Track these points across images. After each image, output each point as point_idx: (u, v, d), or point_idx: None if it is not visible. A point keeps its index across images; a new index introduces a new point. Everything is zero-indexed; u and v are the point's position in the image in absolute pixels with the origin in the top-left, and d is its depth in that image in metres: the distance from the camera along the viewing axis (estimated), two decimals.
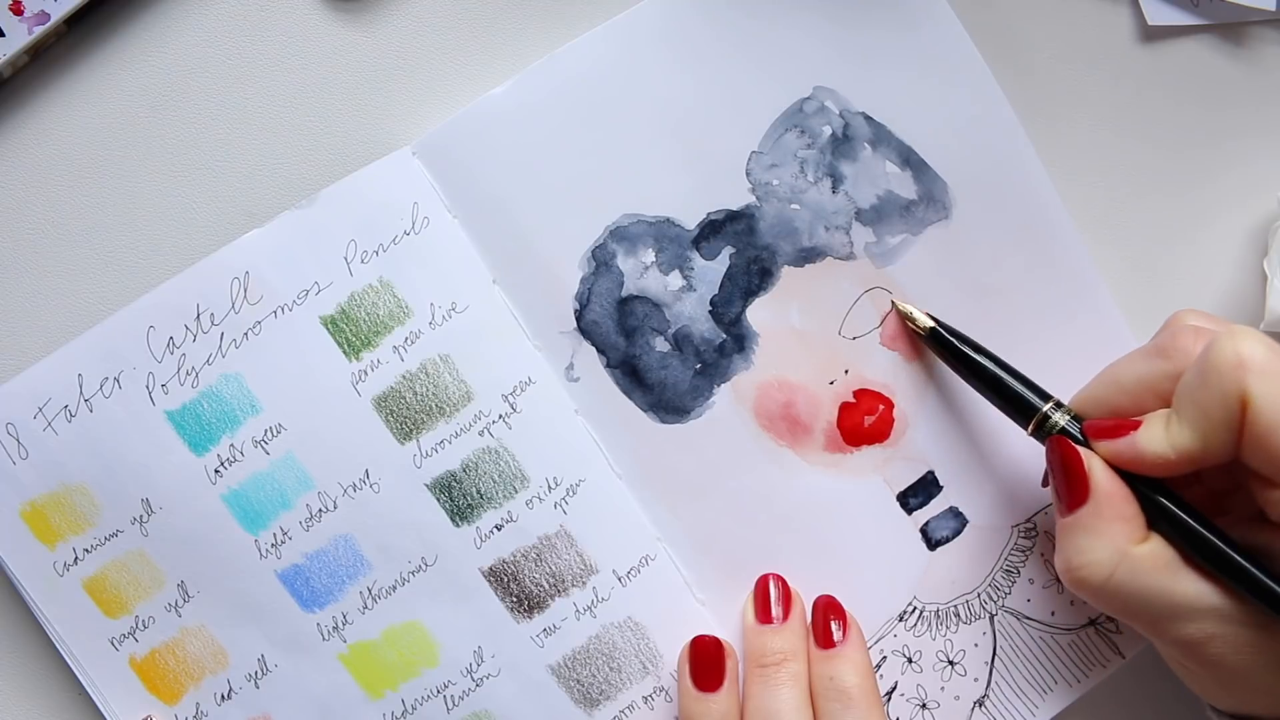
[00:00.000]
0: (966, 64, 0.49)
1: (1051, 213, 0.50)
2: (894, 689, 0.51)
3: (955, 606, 0.51)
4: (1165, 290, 0.54)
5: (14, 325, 0.49)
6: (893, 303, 0.50)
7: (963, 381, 0.48)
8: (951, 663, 0.51)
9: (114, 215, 0.49)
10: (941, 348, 0.48)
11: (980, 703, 0.51)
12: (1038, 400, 0.46)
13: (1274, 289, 0.51)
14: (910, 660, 0.51)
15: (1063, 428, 0.45)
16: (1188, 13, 0.52)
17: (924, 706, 0.51)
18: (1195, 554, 0.42)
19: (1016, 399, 0.46)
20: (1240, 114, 0.54)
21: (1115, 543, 0.42)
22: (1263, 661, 0.41)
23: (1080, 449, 0.44)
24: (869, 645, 0.50)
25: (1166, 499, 0.43)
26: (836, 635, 0.48)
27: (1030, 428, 0.46)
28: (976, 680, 0.51)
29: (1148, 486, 0.43)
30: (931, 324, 0.49)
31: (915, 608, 0.51)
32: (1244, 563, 0.41)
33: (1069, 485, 0.43)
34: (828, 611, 0.49)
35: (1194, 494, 0.45)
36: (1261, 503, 0.40)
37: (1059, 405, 0.46)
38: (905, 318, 0.49)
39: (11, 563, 0.47)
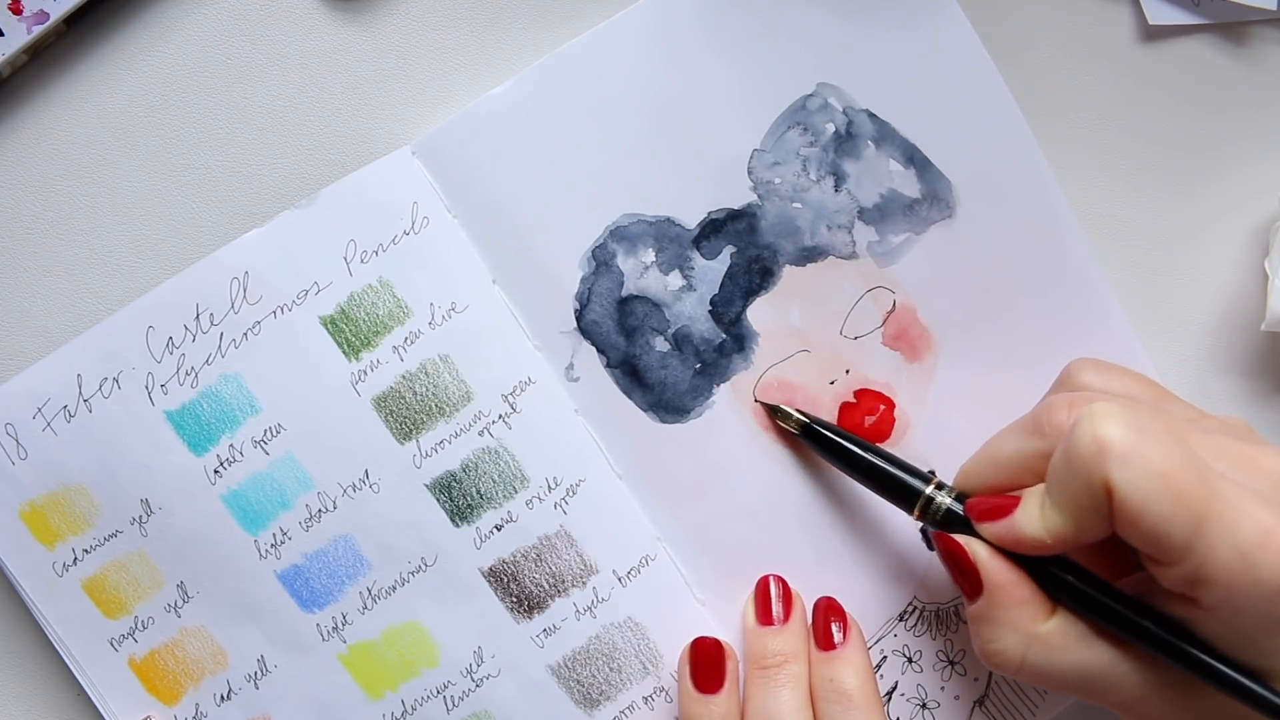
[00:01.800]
0: (972, 61, 0.49)
1: (1057, 212, 0.50)
2: (894, 689, 0.51)
3: (955, 606, 0.51)
4: (1165, 290, 0.54)
5: (14, 325, 0.49)
6: (760, 402, 0.50)
7: (964, 382, 0.48)
8: (952, 662, 0.51)
9: (114, 215, 0.49)
10: (817, 444, 0.48)
11: (980, 702, 0.51)
12: (919, 484, 0.45)
13: (1274, 289, 0.51)
14: (910, 660, 0.51)
15: (947, 509, 0.44)
16: (1188, 12, 0.52)
17: (924, 706, 0.51)
18: (1099, 621, 0.41)
19: (897, 485, 0.46)
20: (1241, 114, 0.54)
21: (1019, 627, 0.42)
22: (1195, 717, 0.41)
23: (964, 541, 0.43)
24: (869, 645, 0.50)
25: (1064, 570, 0.42)
26: (837, 637, 0.48)
27: (915, 512, 0.45)
28: (976, 680, 0.51)
29: (1044, 560, 0.42)
30: (803, 420, 0.48)
31: (915, 608, 0.51)
32: (1148, 625, 0.40)
33: (962, 579, 0.43)
34: (828, 613, 0.49)
35: (1106, 553, 0.44)
36: (1152, 573, 0.40)
37: (940, 485, 0.45)
38: (776, 415, 0.49)
39: (11, 563, 0.47)
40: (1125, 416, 0.38)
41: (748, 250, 0.49)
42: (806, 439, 0.49)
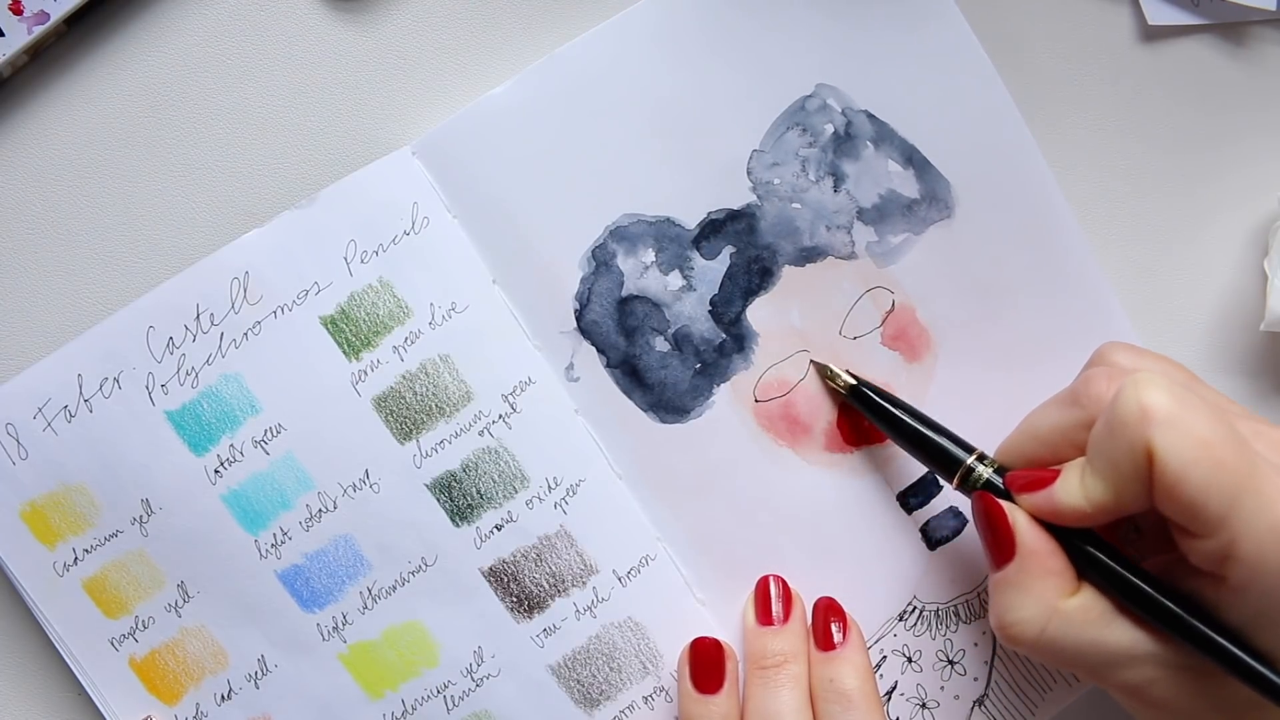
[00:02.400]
0: (971, 62, 0.49)
1: (1056, 212, 0.50)
2: (894, 688, 0.51)
3: (955, 606, 0.51)
4: (1165, 290, 0.54)
5: (14, 325, 0.49)
6: (811, 362, 0.50)
7: (963, 382, 0.48)
8: (951, 662, 0.51)
9: (114, 215, 0.49)
10: (864, 405, 0.48)
11: (980, 702, 0.51)
12: (961, 453, 0.46)
13: (1274, 289, 0.51)
14: (910, 660, 0.51)
15: (986, 480, 0.44)
16: (1188, 12, 0.52)
17: (924, 706, 0.51)
18: (1126, 602, 0.41)
19: (940, 453, 0.46)
20: (1240, 114, 0.54)
21: (1044, 599, 0.42)
22: (1206, 703, 0.41)
23: (1004, 504, 0.43)
24: (869, 645, 0.50)
25: (1095, 548, 0.42)
26: (837, 637, 0.48)
27: (955, 481, 0.46)
28: (976, 680, 0.51)
29: (1076, 536, 0.42)
30: (853, 382, 0.49)
31: (915, 607, 0.51)
32: (1175, 609, 0.40)
33: (995, 542, 0.43)
34: (828, 613, 0.49)
35: (1134, 533, 0.45)
36: (1183, 549, 0.40)
37: (982, 457, 0.45)
38: (826, 376, 0.49)
39: (11, 563, 0.47)
40: (1169, 386, 0.39)
41: (747, 250, 0.49)
42: (854, 400, 0.49)
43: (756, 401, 0.50)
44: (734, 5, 0.48)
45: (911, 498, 0.50)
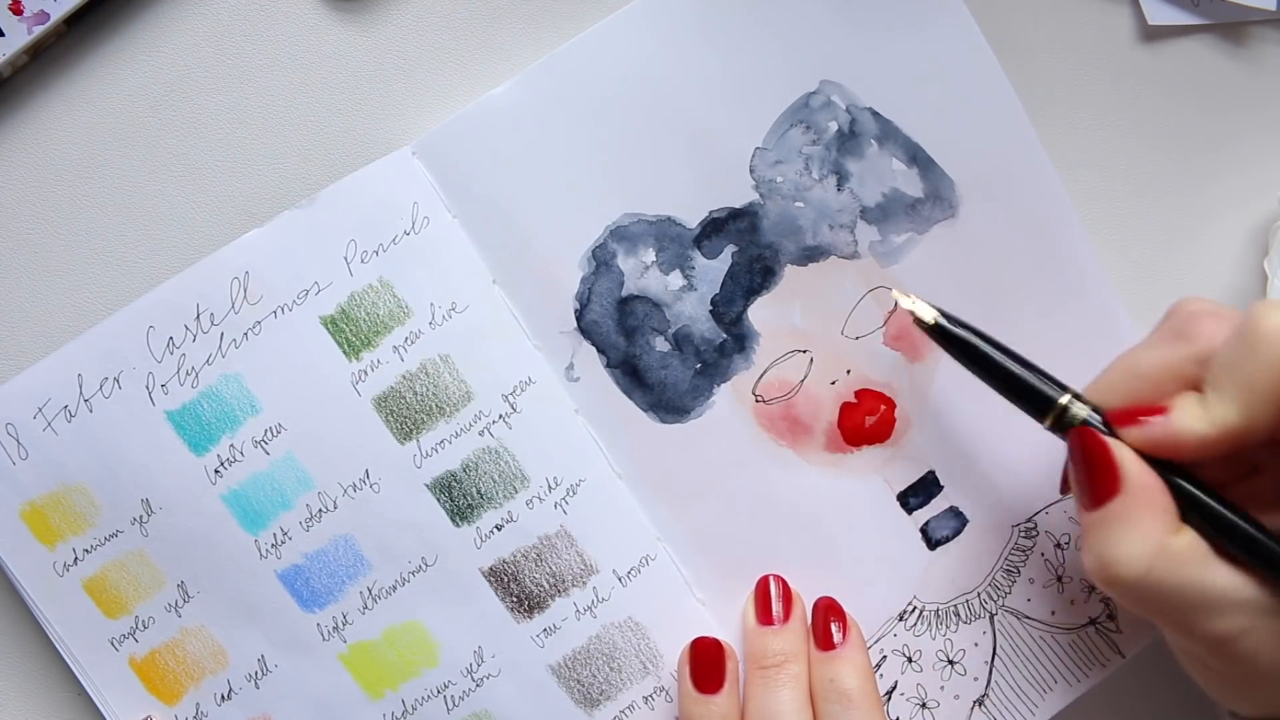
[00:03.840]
0: (977, 60, 0.49)
1: (1060, 213, 0.50)
2: (894, 688, 0.51)
3: (955, 606, 0.51)
4: (1166, 290, 0.54)
5: (14, 325, 0.49)
6: (894, 295, 0.48)
7: (965, 382, 0.48)
8: (951, 662, 0.51)
9: (114, 215, 0.49)
10: (948, 342, 0.46)
11: (980, 702, 0.51)
12: (1055, 392, 0.44)
13: (1274, 289, 0.51)
14: (910, 660, 0.51)
15: (1084, 419, 0.43)
16: (1188, 13, 0.52)
17: (924, 706, 0.51)
18: (1229, 545, 0.40)
19: (1032, 392, 0.44)
20: (1240, 114, 0.54)
21: (1151, 535, 0.40)
22: None
23: (1107, 439, 0.42)
24: (869, 645, 0.50)
25: (1197, 489, 0.41)
26: (837, 637, 0.48)
27: (1048, 422, 0.44)
28: (976, 680, 0.51)
29: (1178, 476, 0.41)
30: (937, 316, 0.46)
31: (915, 607, 0.51)
32: None
33: (1098, 478, 0.41)
34: (828, 613, 0.49)
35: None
36: None
37: (1077, 397, 0.43)
38: (908, 311, 0.48)
39: (11, 563, 0.47)
40: None
41: (749, 249, 0.49)
42: (936, 337, 0.46)
43: (757, 401, 0.50)
44: (736, 1, 0.48)
45: (911, 498, 0.50)
